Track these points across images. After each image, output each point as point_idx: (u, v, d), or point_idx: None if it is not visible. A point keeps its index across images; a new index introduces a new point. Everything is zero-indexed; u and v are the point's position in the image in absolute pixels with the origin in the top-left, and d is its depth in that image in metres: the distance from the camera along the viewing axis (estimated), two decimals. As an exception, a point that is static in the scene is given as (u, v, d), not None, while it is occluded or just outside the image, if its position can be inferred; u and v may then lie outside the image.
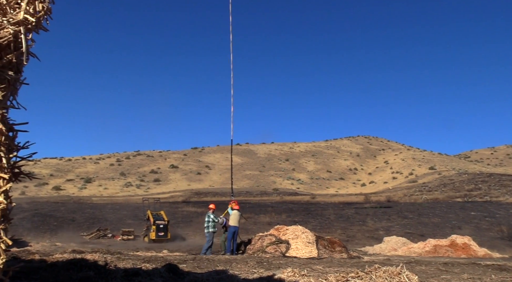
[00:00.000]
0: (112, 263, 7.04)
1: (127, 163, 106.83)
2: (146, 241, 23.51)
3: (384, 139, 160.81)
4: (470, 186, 65.04)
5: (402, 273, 4.43)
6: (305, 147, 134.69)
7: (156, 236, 23.16)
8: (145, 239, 23.87)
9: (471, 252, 17.09)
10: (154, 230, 23.33)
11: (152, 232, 23.36)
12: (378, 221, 36.79)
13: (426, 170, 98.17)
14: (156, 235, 23.25)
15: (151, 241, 22.97)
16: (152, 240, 22.97)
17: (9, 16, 1.99)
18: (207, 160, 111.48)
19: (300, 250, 12.80)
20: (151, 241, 22.95)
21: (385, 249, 21.02)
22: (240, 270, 6.79)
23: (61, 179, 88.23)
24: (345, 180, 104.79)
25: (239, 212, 14.05)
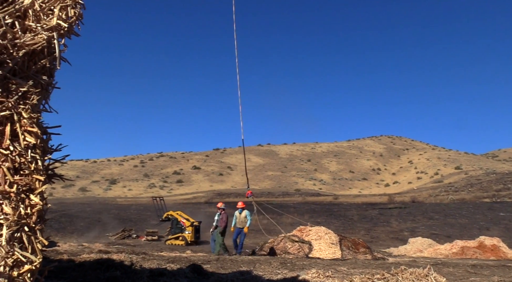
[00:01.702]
0: (137, 263, 7.15)
1: (151, 164, 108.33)
2: (172, 243, 22.37)
3: (408, 139, 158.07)
4: (498, 186, 63.22)
5: (429, 275, 4.35)
6: (327, 147, 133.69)
7: (194, 238, 22.73)
8: (172, 242, 22.62)
9: (501, 253, 16.60)
10: (191, 231, 22.77)
11: (189, 234, 22.67)
12: (403, 221, 36.18)
13: (452, 170, 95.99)
14: (194, 236, 22.80)
15: (188, 243, 22.18)
16: (191, 242, 22.26)
17: (42, 22, 2.05)
18: (229, 161, 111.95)
19: (323, 251, 12.71)
20: (188, 243, 22.17)
21: (410, 251, 20.63)
22: (263, 271, 6.79)
23: (87, 180, 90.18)
24: (368, 180, 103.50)
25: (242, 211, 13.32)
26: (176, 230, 23.11)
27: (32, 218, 1.87)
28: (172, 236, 22.83)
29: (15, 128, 1.88)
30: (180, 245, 21.83)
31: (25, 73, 1.98)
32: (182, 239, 22.55)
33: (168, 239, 22.92)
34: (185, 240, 22.35)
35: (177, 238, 22.61)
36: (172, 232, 23.27)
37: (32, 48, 1.98)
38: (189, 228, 22.61)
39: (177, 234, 22.80)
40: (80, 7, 2.24)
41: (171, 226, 23.68)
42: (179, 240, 22.51)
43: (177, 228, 23.13)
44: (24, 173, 1.91)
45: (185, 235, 22.53)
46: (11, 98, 1.90)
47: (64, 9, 2.13)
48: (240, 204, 13.51)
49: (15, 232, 1.80)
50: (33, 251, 1.85)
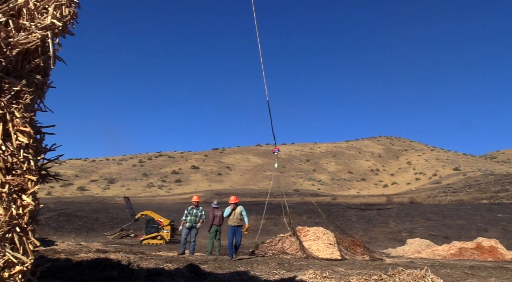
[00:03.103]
0: (135, 263, 7.13)
1: (149, 163, 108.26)
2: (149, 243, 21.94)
3: (407, 140, 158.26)
4: (496, 187, 63.28)
5: (426, 276, 4.34)
6: (326, 148, 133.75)
7: (171, 236, 22.67)
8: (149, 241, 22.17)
9: (498, 255, 16.61)
10: (170, 230, 22.69)
11: (167, 233, 22.59)
12: (401, 222, 36.20)
13: (450, 171, 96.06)
14: (172, 235, 22.72)
15: (166, 242, 22.12)
16: (169, 240, 22.22)
17: (36, 21, 2.04)
18: (228, 160, 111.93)
19: (321, 251, 12.70)
20: (167, 242, 22.11)
21: (408, 252, 20.65)
22: (261, 271, 6.78)
23: (85, 179, 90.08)
24: (366, 181, 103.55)
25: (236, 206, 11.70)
26: (152, 229, 22.85)
27: (24, 219, 1.85)
28: (149, 236, 22.52)
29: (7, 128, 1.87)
30: (158, 244, 21.67)
31: (19, 72, 1.96)
32: (161, 238, 22.42)
33: (144, 239, 22.56)
34: (163, 239, 22.23)
35: (154, 237, 22.43)
36: (147, 231, 22.90)
37: (26, 47, 1.97)
38: (167, 227, 22.52)
39: (154, 233, 22.58)
40: (75, 6, 2.22)
41: (146, 225, 23.28)
42: (157, 239, 22.35)
43: (153, 227, 22.89)
44: (16, 173, 1.89)
45: (163, 234, 22.41)
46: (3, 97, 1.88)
47: (58, 8, 2.11)
48: (233, 198, 11.76)
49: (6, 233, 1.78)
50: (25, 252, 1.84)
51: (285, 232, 14.55)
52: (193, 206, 13.04)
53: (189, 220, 12.74)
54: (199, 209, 13.05)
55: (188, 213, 12.88)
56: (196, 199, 13.29)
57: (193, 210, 12.91)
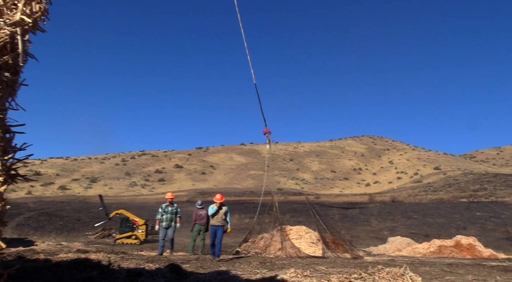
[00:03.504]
0: (115, 263, 7.05)
1: (132, 162, 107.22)
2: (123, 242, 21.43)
3: (389, 139, 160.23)
4: (475, 186, 64.62)
5: (405, 274, 4.39)
6: (310, 147, 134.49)
7: (146, 236, 22.43)
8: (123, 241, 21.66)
9: (476, 252, 16.95)
10: (145, 229, 22.42)
11: (143, 232, 22.28)
12: (383, 221, 36.60)
13: (431, 170, 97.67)
14: (147, 235, 22.48)
15: (141, 242, 21.85)
16: (144, 240, 22.00)
17: (5, 17, 1.96)
18: (212, 159, 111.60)
19: (303, 250, 12.77)
20: (142, 242, 21.85)
21: (390, 250, 20.88)
22: (243, 270, 6.78)
23: (67, 178, 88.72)
24: (349, 180, 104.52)
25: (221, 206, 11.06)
26: (126, 228, 22.49)
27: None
28: (122, 235, 22.04)
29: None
30: (133, 244, 21.22)
31: (-15, 70, 1.89)
32: (136, 237, 22.11)
33: (118, 238, 22.11)
34: (138, 238, 21.93)
35: (129, 236, 21.94)
36: (121, 230, 22.38)
37: (-6, 44, 1.90)
38: (142, 226, 22.23)
39: (128, 233, 22.26)
40: (45, 2, 2.15)
41: (121, 224, 22.74)
42: (131, 239, 21.96)
43: (127, 227, 22.54)
44: (-18, 173, 1.82)
45: (138, 233, 22.08)
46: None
47: (28, 4, 2.04)
48: (219, 196, 11.07)
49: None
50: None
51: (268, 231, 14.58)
52: (168, 203, 12.45)
53: (166, 219, 12.13)
54: (174, 206, 12.47)
55: (163, 211, 12.26)
56: (170, 196, 12.69)
57: (168, 208, 12.30)
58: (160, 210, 12.27)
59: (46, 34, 2.19)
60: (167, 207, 12.29)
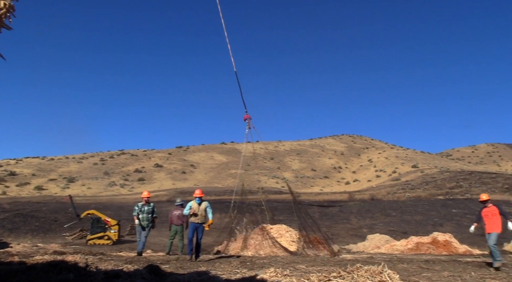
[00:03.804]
0: (93, 264, 6.93)
1: (111, 162, 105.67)
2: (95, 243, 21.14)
3: (368, 138, 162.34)
4: (451, 184, 66.11)
5: (383, 272, 4.46)
6: (290, 146, 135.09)
7: (119, 236, 22.16)
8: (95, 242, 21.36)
9: (452, 249, 17.34)
10: (118, 230, 22.13)
11: (115, 233, 21.98)
12: (362, 219, 37.10)
13: (409, 168, 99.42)
14: (119, 235, 22.20)
15: (114, 242, 21.57)
16: (116, 240, 21.74)
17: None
18: (192, 158, 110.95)
19: (284, 249, 12.82)
20: (114, 242, 21.58)
21: (369, 247, 21.18)
22: (223, 270, 6.76)
23: (43, 178, 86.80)
24: (329, 178, 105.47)
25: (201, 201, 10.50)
26: (98, 229, 22.19)
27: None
28: (94, 235, 21.80)
29: None
30: (105, 244, 21.03)
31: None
32: (108, 238, 21.82)
33: (90, 239, 21.83)
34: (110, 239, 21.65)
35: (101, 237, 21.72)
36: (93, 231, 22.14)
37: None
38: (115, 226, 21.95)
39: (99, 233, 21.97)
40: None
41: (92, 225, 22.48)
42: (103, 239, 21.62)
43: (99, 227, 22.24)
44: None
45: (110, 234, 21.80)
46: None
47: (-9, 0, 1.95)
48: (198, 192, 10.53)
49: None
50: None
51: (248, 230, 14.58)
52: (144, 202, 11.96)
53: (142, 218, 11.73)
54: (150, 205, 11.98)
55: (139, 211, 11.80)
56: (147, 195, 12.18)
57: (144, 207, 11.83)
58: (136, 209, 11.81)
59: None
60: (144, 206, 11.83)
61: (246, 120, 13.62)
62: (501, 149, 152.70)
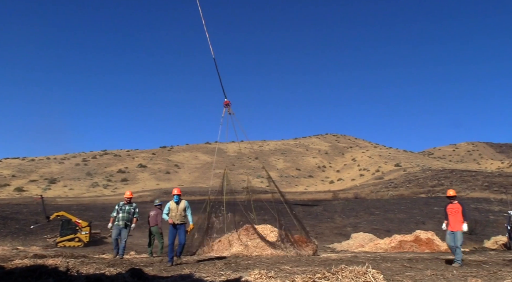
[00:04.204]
0: (74, 268, 6.79)
1: (94, 162, 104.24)
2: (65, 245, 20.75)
3: (352, 137, 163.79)
4: (433, 182, 67.17)
5: (368, 272, 4.46)
6: (275, 145, 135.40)
7: (90, 238, 21.81)
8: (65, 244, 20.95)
9: (434, 246, 17.60)
10: (89, 231, 21.78)
11: (86, 234, 21.59)
12: (346, 217, 37.38)
13: (392, 167, 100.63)
14: (90, 237, 21.87)
15: (85, 244, 21.24)
16: (87, 242, 21.41)
17: None
18: (176, 159, 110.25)
19: (268, 249, 12.82)
20: (85, 244, 21.25)
21: (353, 246, 21.37)
22: (207, 272, 6.70)
23: (23, 179, 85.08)
24: (314, 178, 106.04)
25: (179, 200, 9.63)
26: (68, 231, 21.84)
27: None
28: (64, 238, 21.40)
29: None
30: (76, 246, 20.70)
31: None
32: (79, 240, 21.48)
33: (59, 241, 21.43)
34: (82, 241, 21.31)
35: (71, 239, 21.35)
36: (63, 233, 21.73)
37: None
38: (86, 228, 21.61)
39: (70, 235, 21.61)
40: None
41: (62, 227, 22.10)
42: (74, 241, 21.28)
43: (69, 229, 21.89)
44: None
45: (81, 235, 21.46)
46: None
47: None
48: (176, 190, 9.70)
49: None
50: None
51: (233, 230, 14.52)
52: (125, 202, 11.37)
53: (122, 218, 11.02)
54: (132, 205, 11.40)
55: (119, 209, 11.17)
56: (129, 195, 11.57)
57: (125, 206, 11.21)
58: (116, 207, 11.22)
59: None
60: (125, 205, 11.24)
61: (225, 106, 13.76)
62: (481, 147, 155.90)
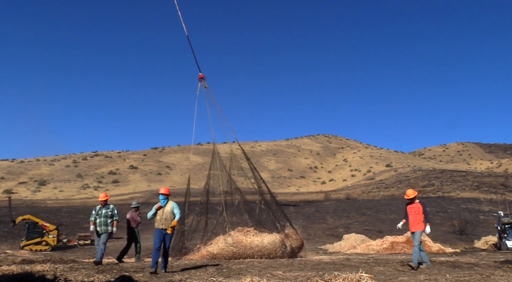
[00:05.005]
0: (62, 276, 6.66)
1: (84, 164, 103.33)
2: (32, 249, 20.52)
3: (343, 138, 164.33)
4: (424, 182, 67.63)
5: (361, 280, 4.42)
6: (267, 146, 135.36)
7: (58, 242, 21.56)
8: (32, 248, 20.71)
9: (426, 247, 17.65)
10: (57, 235, 21.52)
11: (54, 238, 21.35)
12: (338, 218, 37.50)
13: (383, 167, 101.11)
14: (58, 240, 21.62)
15: (52, 248, 20.98)
16: (55, 246, 21.15)
17: None
18: (168, 160, 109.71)
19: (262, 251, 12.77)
20: (53, 248, 20.99)
21: (345, 247, 21.40)
22: (199, 278, 6.61)
23: (13, 181, 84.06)
24: (305, 178, 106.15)
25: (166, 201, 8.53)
26: (35, 234, 21.59)
27: None
28: (31, 241, 21.24)
29: None
30: (43, 250, 20.54)
31: None
32: (46, 243, 21.23)
33: (25, 245, 21.24)
34: (49, 244, 21.06)
35: (38, 242, 21.22)
36: (29, 236, 21.60)
37: None
38: (54, 231, 21.37)
39: (36, 239, 21.34)
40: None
41: (27, 230, 21.94)
42: (41, 245, 21.13)
43: (36, 232, 21.65)
44: None
45: (48, 239, 21.21)
46: None
47: None
48: (164, 189, 8.60)
49: None
50: None
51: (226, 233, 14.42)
52: (101, 205, 10.44)
53: (99, 223, 10.16)
54: (109, 208, 10.43)
55: (96, 215, 10.34)
56: (104, 197, 10.52)
57: (102, 210, 10.33)
58: (94, 212, 10.39)
59: None
60: (101, 209, 10.35)
61: (200, 79, 14.19)
62: (471, 147, 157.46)
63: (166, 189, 8.64)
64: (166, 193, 8.46)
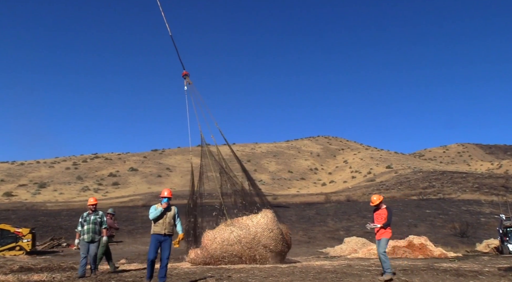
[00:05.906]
0: (59, 287, 6.52)
1: (84, 166, 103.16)
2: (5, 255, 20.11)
3: (343, 139, 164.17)
4: (424, 184, 67.42)
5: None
6: (267, 148, 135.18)
7: (33, 246, 21.34)
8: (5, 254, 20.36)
9: (428, 252, 17.54)
10: (31, 239, 21.31)
11: (28, 242, 21.11)
12: (339, 221, 37.34)
13: (383, 169, 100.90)
14: (33, 245, 21.41)
15: (27, 252, 20.75)
16: (30, 250, 20.92)
17: None
18: (168, 162, 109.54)
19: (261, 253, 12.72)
20: (27, 252, 20.76)
21: (346, 250, 21.27)
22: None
23: (12, 184, 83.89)
24: (306, 180, 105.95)
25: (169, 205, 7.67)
26: (8, 239, 21.44)
27: None
28: (4, 247, 20.96)
29: None
30: (17, 255, 20.13)
31: None
32: (20, 248, 21.05)
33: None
34: (23, 249, 20.88)
35: (12, 248, 20.93)
36: (2, 242, 21.30)
37: None
38: (28, 235, 21.17)
39: (10, 244, 21.17)
40: None
41: (1, 236, 21.56)
42: (15, 250, 20.86)
43: (9, 237, 21.51)
44: None
45: (22, 244, 21.00)
46: None
47: None
48: (167, 192, 7.70)
49: None
50: None
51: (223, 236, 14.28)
52: (90, 211, 9.68)
53: (87, 230, 9.28)
54: (98, 214, 9.67)
55: (83, 221, 9.44)
56: (92, 202, 9.82)
57: (90, 217, 9.51)
58: (81, 220, 9.50)
59: None
60: (89, 215, 9.55)
61: (184, 76, 14.58)
62: (471, 148, 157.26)
63: (170, 191, 7.75)
64: (169, 195, 7.60)
